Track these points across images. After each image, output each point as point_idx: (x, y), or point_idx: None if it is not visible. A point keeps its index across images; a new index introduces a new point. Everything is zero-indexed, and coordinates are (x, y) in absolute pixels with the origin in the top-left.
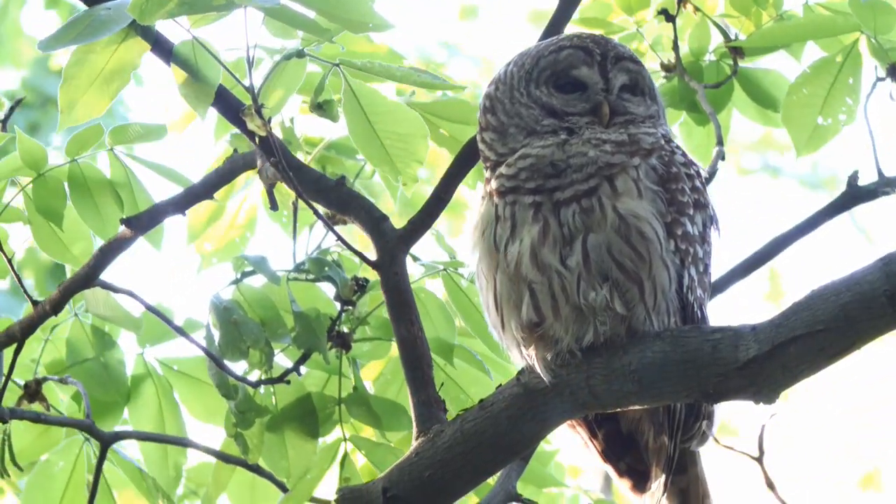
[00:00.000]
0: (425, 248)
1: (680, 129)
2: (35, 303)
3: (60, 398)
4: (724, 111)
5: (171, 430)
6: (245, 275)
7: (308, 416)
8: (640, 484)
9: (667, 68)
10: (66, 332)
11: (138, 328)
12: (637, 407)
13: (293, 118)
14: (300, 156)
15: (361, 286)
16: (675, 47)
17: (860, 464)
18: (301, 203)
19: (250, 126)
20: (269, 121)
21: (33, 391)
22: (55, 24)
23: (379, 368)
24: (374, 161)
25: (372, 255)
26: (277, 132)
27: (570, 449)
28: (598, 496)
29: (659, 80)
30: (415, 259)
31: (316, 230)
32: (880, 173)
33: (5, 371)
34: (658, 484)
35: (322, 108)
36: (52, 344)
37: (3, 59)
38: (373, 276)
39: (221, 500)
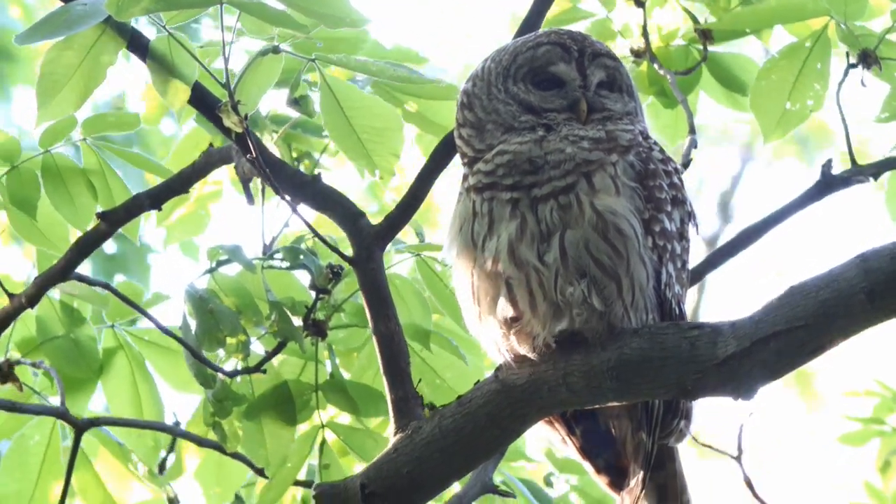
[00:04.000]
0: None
1: (647, 110)
2: (11, 296)
3: (33, 373)
4: (691, 94)
5: (146, 402)
6: (220, 263)
7: (285, 404)
8: (619, 480)
9: (636, 53)
10: (35, 310)
11: (106, 304)
12: (615, 403)
13: None
14: (266, 136)
15: (336, 274)
16: (645, 33)
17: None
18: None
19: (226, 122)
20: (246, 117)
21: (5, 373)
22: None
23: (355, 354)
24: (351, 155)
25: (347, 247)
26: None
27: None
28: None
29: (628, 65)
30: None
31: (282, 206)
32: (853, 161)
33: None
34: (636, 480)
35: (298, 103)
36: (22, 322)
37: None
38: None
39: None
